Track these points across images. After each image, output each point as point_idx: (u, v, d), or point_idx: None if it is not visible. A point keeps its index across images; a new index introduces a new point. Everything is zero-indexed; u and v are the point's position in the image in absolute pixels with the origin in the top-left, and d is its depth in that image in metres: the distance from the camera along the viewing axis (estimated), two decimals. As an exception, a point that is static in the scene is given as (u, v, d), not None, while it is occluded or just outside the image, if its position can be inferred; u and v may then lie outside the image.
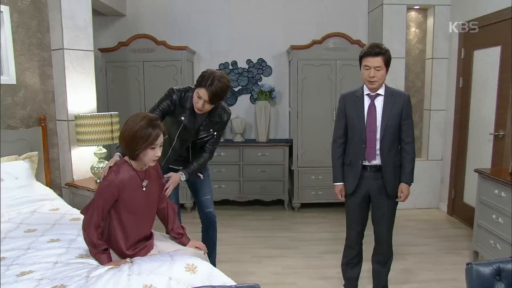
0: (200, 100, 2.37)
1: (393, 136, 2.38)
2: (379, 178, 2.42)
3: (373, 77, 2.29)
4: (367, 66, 2.29)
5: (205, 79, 2.34)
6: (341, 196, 2.55)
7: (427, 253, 3.50)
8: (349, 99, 2.44)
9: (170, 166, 2.67)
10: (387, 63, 2.28)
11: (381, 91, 2.38)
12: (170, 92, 2.51)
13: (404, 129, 2.39)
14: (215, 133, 2.59)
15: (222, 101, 2.54)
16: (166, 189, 2.38)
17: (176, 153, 2.60)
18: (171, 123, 2.55)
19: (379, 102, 2.37)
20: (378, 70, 2.27)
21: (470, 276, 1.50)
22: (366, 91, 2.39)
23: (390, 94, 2.37)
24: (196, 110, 2.45)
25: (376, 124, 2.36)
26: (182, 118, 2.48)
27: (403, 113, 2.36)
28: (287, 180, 4.67)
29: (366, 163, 2.42)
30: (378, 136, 2.37)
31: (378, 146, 2.38)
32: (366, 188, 2.45)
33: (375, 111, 2.37)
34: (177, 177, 2.51)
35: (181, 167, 2.66)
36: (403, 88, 4.55)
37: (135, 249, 2.03)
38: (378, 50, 2.26)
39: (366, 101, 2.39)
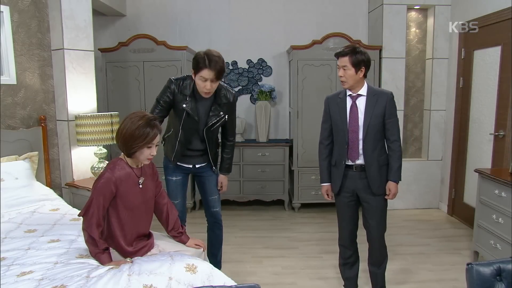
0: (206, 81, 2.36)
1: (377, 135, 2.39)
2: (364, 178, 2.43)
3: (341, 76, 2.36)
4: (338, 65, 2.39)
5: (202, 61, 2.32)
6: (328, 196, 2.58)
7: (427, 253, 3.50)
8: (333, 101, 2.48)
9: (179, 164, 2.64)
10: (355, 63, 2.31)
11: (363, 91, 2.40)
12: (168, 84, 2.52)
13: (389, 128, 2.40)
14: (226, 115, 2.58)
15: (224, 79, 2.54)
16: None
17: (184, 146, 2.57)
18: (174, 115, 2.55)
19: (361, 103, 2.39)
20: (345, 69, 2.33)
21: (470, 276, 1.50)
22: (348, 92, 2.42)
23: (373, 94, 2.39)
24: (203, 94, 2.43)
25: (358, 124, 2.38)
26: (184, 105, 2.47)
27: (386, 112, 2.37)
28: (287, 180, 4.67)
29: (350, 162, 2.44)
30: (360, 136, 2.39)
31: (361, 146, 2.39)
32: (352, 187, 2.47)
33: (357, 111, 2.39)
34: (226, 179, 2.79)
35: (190, 166, 2.66)
36: (403, 88, 4.56)
37: (135, 246, 2.04)
38: (345, 51, 2.34)
39: (348, 102, 2.42)
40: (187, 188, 2.83)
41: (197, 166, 2.68)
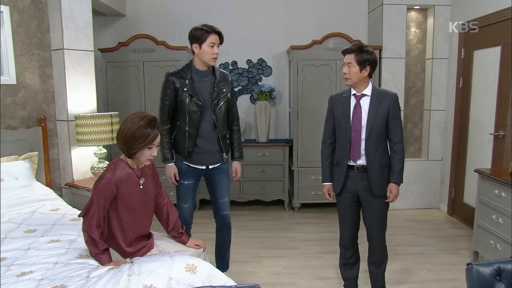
0: (214, 47, 2.49)
1: (380, 136, 2.39)
2: (366, 179, 2.42)
3: (346, 73, 2.37)
4: (343, 62, 2.40)
5: (205, 29, 2.46)
6: (329, 196, 2.59)
7: (427, 253, 3.50)
8: (337, 100, 2.48)
9: (192, 165, 2.62)
10: (360, 62, 2.32)
11: (367, 91, 2.39)
12: (166, 78, 2.59)
13: (392, 129, 2.39)
14: (228, 93, 2.64)
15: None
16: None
17: (194, 135, 2.55)
18: (179, 106, 2.56)
19: (365, 103, 2.39)
20: (349, 66, 2.34)
21: (470, 276, 1.50)
22: (352, 92, 2.42)
23: (377, 95, 2.39)
24: (212, 61, 2.53)
25: (361, 124, 2.38)
26: (185, 89, 2.52)
27: (390, 113, 2.37)
28: (287, 180, 4.67)
29: (351, 163, 2.44)
30: (363, 136, 2.38)
31: (363, 146, 2.39)
32: (353, 187, 2.46)
33: (361, 111, 2.39)
34: (240, 165, 2.82)
35: (203, 167, 2.64)
36: (403, 88, 4.56)
37: (135, 247, 2.03)
38: (351, 48, 2.36)
39: (352, 102, 2.42)
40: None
41: (210, 167, 2.67)
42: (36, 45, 3.38)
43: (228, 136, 2.73)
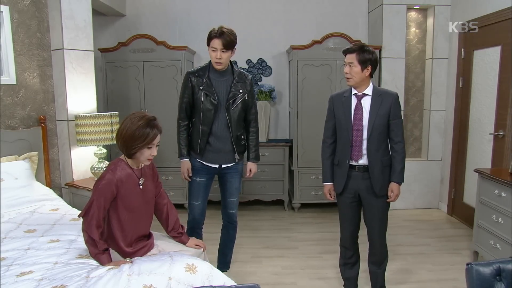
0: (216, 51, 2.48)
1: (381, 136, 2.39)
2: (367, 178, 2.42)
3: (347, 73, 2.37)
4: (344, 62, 2.40)
5: (213, 32, 2.50)
6: (330, 196, 2.59)
7: (427, 253, 3.50)
8: (337, 100, 2.49)
9: (205, 163, 2.65)
10: (362, 61, 2.32)
11: (368, 91, 2.40)
12: (185, 77, 2.63)
13: (393, 129, 2.40)
14: (246, 94, 2.65)
15: (234, 50, 2.60)
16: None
17: (207, 132, 2.58)
18: (195, 104, 2.59)
19: (366, 102, 2.39)
20: (351, 66, 2.34)
21: (470, 276, 1.50)
22: (353, 91, 2.43)
23: (378, 94, 2.39)
24: (215, 65, 2.53)
25: (362, 124, 2.38)
26: (201, 87, 2.55)
27: (391, 113, 2.37)
28: (287, 180, 4.67)
29: (353, 162, 2.43)
30: (364, 135, 2.38)
31: (364, 146, 2.39)
32: (354, 187, 2.46)
33: (362, 111, 2.39)
34: (255, 166, 2.82)
35: (216, 165, 2.66)
36: (403, 88, 4.56)
37: (135, 247, 2.03)
38: (353, 48, 2.36)
39: (353, 101, 2.42)
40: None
41: (223, 166, 2.68)
42: (36, 45, 3.38)
43: (243, 137, 2.73)
